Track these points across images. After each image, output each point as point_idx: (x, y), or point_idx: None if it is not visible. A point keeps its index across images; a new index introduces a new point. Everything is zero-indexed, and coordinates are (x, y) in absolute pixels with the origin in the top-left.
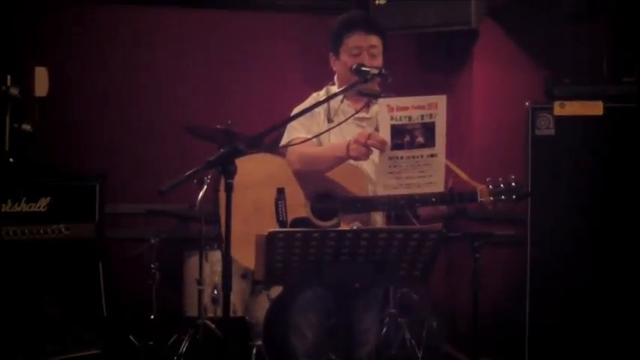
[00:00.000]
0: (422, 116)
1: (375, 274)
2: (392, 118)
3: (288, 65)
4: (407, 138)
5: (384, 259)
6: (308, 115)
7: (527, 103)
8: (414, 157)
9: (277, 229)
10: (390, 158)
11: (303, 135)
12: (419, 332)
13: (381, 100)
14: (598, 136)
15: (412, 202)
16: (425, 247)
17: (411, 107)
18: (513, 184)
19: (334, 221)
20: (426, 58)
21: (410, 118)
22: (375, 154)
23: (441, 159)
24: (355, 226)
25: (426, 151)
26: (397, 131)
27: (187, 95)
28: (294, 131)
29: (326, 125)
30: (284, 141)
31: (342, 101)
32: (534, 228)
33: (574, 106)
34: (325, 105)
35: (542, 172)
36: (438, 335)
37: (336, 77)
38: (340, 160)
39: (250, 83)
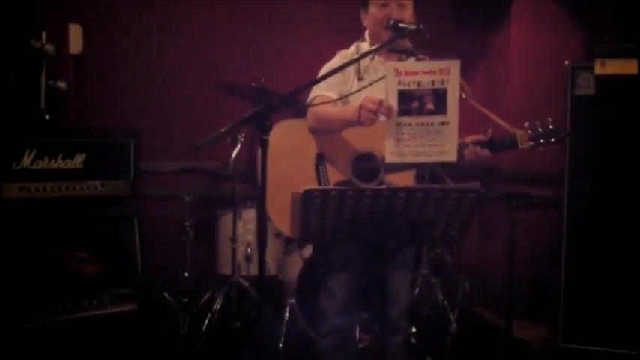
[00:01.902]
0: (432, 82)
1: (410, 233)
2: (399, 83)
3: (321, 22)
4: (415, 104)
5: (420, 218)
6: (338, 74)
7: (566, 62)
8: (422, 124)
9: (313, 186)
10: (397, 125)
11: (327, 93)
12: (451, 293)
13: (388, 64)
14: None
15: None
16: (462, 206)
17: (420, 72)
18: (551, 126)
19: (377, 181)
20: (462, 17)
21: (419, 83)
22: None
23: (454, 127)
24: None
25: (437, 119)
26: (405, 97)
27: (220, 53)
28: (318, 89)
29: (356, 83)
30: (308, 99)
31: (372, 58)
32: (571, 189)
33: (615, 65)
34: (356, 63)
35: (582, 132)
36: (470, 296)
37: (366, 34)
38: (349, 124)
39: (283, 40)
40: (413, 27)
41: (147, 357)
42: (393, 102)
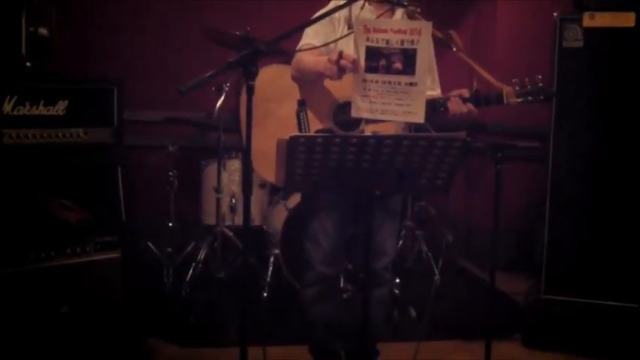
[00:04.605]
0: (402, 41)
1: (396, 181)
2: (367, 39)
3: None
4: (382, 62)
5: (406, 166)
6: (326, 21)
7: (555, 14)
8: (389, 82)
9: (299, 133)
10: (364, 81)
11: (313, 41)
12: (435, 245)
13: (357, 19)
14: (629, 49)
15: (437, 105)
16: (449, 155)
17: (389, 30)
18: (540, 84)
19: (357, 130)
20: None
21: (387, 41)
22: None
23: (422, 88)
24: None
25: (404, 79)
26: (372, 54)
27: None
28: (307, 37)
29: (346, 32)
30: (298, 46)
31: (362, 7)
32: (557, 142)
33: (604, 18)
34: (346, 11)
35: (570, 85)
36: (454, 249)
37: None
38: (322, 77)
39: None
40: None
41: (130, 306)
42: (361, 58)
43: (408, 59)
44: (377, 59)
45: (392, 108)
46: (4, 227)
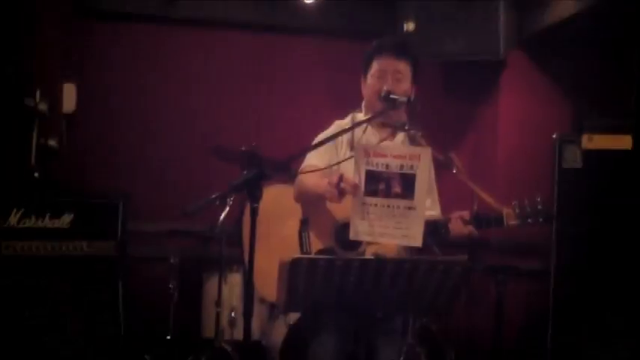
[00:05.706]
0: (401, 166)
1: (398, 302)
2: (368, 163)
3: (316, 89)
4: (382, 185)
5: (407, 288)
6: (330, 143)
7: (554, 136)
8: (388, 206)
9: (301, 255)
10: (363, 204)
11: (316, 163)
12: None
13: (358, 144)
14: (627, 171)
15: (439, 226)
16: (449, 278)
17: (389, 155)
18: (540, 206)
19: (359, 250)
20: (453, 87)
21: (387, 165)
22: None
23: (420, 212)
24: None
25: (403, 203)
26: (372, 177)
27: (213, 116)
28: (310, 159)
29: (348, 153)
30: (300, 168)
31: (364, 131)
32: (559, 261)
33: (602, 140)
34: (349, 133)
35: (569, 206)
36: None
37: (363, 104)
38: (321, 198)
39: (277, 106)
40: (404, 99)
41: None
42: (361, 181)
43: (407, 183)
44: (377, 183)
45: (390, 231)
46: (4, 341)
